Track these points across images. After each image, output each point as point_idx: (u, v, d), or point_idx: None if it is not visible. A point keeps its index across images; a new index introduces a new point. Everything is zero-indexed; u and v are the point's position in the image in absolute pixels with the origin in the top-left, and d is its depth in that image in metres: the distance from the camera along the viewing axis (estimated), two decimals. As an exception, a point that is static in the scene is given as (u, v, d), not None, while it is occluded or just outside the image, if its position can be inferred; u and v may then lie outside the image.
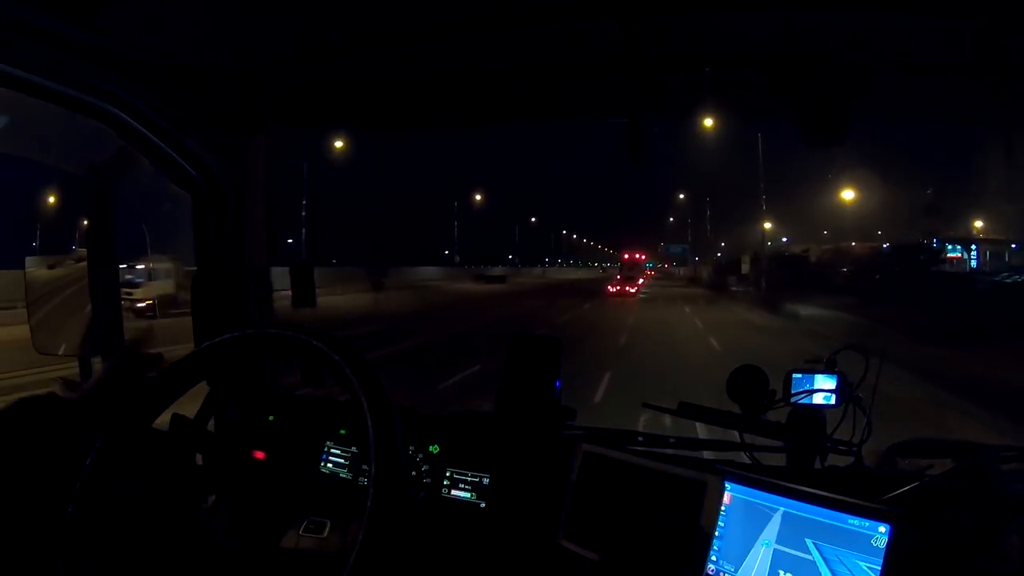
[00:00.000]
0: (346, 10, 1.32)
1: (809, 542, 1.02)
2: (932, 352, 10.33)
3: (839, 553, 0.99)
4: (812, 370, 1.45)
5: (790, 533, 1.05)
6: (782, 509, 1.07)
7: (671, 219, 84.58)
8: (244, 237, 1.77)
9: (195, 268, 1.78)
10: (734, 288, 34.14)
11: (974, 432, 5.74)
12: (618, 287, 34.37)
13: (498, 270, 65.14)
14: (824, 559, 1.00)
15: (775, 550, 1.06)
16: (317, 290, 1.95)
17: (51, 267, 1.80)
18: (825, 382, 1.44)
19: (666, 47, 1.46)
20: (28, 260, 1.84)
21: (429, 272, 49.05)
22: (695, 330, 16.17)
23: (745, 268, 32.42)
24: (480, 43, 1.48)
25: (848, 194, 27.97)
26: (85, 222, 1.76)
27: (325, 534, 1.41)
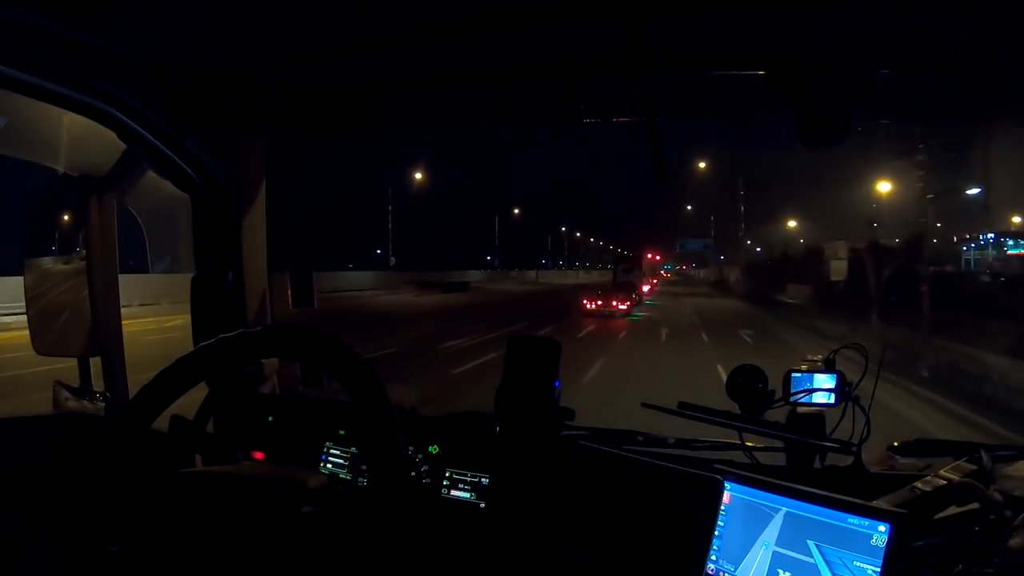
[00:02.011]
0: (346, 11, 1.32)
1: (808, 541, 1.02)
2: None
3: (839, 552, 0.99)
4: (811, 370, 1.45)
5: (790, 532, 1.05)
6: (784, 509, 1.07)
7: (688, 207, 66.41)
8: (243, 238, 1.77)
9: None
10: (791, 301, 21.76)
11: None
12: (599, 302, 21.91)
13: (474, 274, 52.66)
14: (823, 558, 1.00)
15: (774, 549, 1.05)
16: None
17: (67, 263, 1.82)
18: (824, 382, 1.44)
19: (665, 48, 1.46)
20: (28, 262, 1.84)
21: (358, 279, 36.29)
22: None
23: (838, 268, 18.57)
24: (481, 43, 1.48)
25: (885, 187, 22.13)
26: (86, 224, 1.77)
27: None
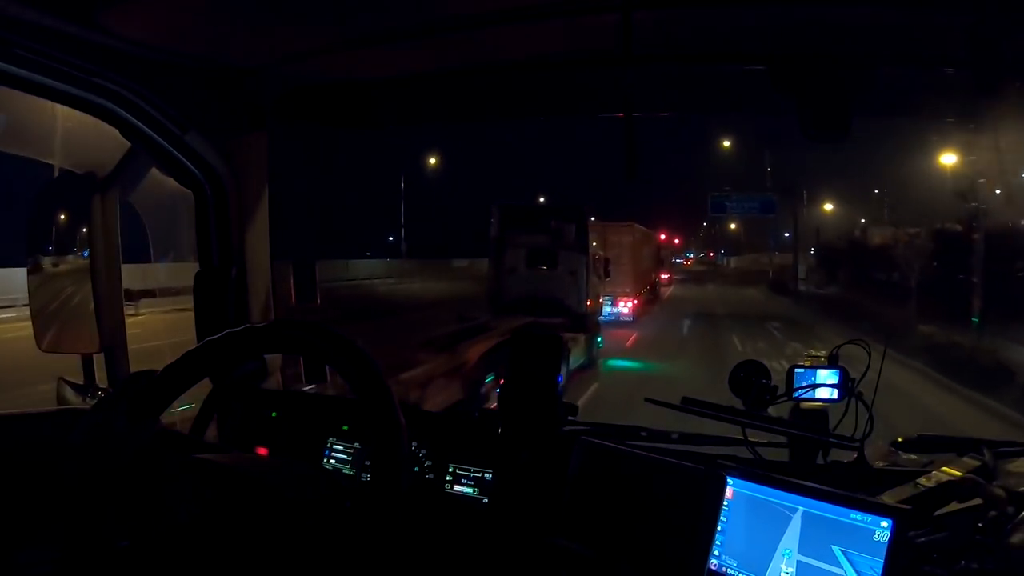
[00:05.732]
0: (347, 8, 1.32)
1: (810, 536, 1.02)
2: None
3: (841, 547, 0.99)
4: (814, 365, 1.45)
5: (793, 527, 1.05)
6: (789, 505, 1.07)
7: (726, 143, 38.45)
8: (246, 234, 1.77)
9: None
10: None
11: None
12: None
13: (364, 267, 28.95)
14: (827, 553, 1.00)
15: (777, 545, 1.06)
16: None
17: (70, 260, 1.82)
18: (827, 377, 1.43)
19: (666, 43, 1.45)
20: (32, 260, 1.85)
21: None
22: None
23: None
24: (480, 39, 1.48)
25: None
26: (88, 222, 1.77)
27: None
